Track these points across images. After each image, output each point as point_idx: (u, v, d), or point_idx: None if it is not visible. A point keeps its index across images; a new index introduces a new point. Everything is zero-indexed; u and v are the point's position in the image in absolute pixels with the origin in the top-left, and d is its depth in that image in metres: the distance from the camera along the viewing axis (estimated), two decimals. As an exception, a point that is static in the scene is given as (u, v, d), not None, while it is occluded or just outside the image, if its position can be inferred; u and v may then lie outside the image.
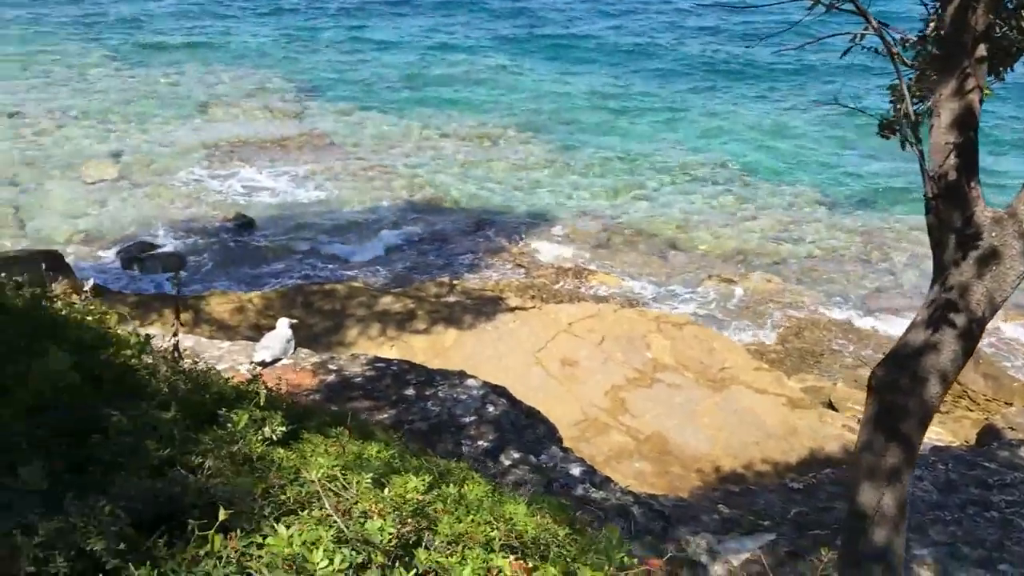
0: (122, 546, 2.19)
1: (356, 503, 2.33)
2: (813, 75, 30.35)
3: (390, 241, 17.55)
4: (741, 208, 19.79)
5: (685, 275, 16.54)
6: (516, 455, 5.58)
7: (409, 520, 2.23)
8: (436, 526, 2.40)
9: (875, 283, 16.62)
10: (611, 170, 21.82)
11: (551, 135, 24.18)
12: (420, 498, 2.41)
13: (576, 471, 5.66)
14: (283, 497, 2.40)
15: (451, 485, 2.75)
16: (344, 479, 2.63)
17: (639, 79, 30.09)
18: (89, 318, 3.77)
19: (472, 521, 2.44)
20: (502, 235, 17.97)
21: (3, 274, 3.41)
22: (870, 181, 21.41)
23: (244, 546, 2.17)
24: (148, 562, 2.19)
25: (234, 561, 2.11)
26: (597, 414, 11.56)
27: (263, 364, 7.05)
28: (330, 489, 2.54)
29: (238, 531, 2.24)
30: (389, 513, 2.22)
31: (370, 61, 31.15)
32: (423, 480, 2.71)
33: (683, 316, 14.28)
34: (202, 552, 2.16)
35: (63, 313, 3.56)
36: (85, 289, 4.27)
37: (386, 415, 6.04)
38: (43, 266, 4.49)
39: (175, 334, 3.70)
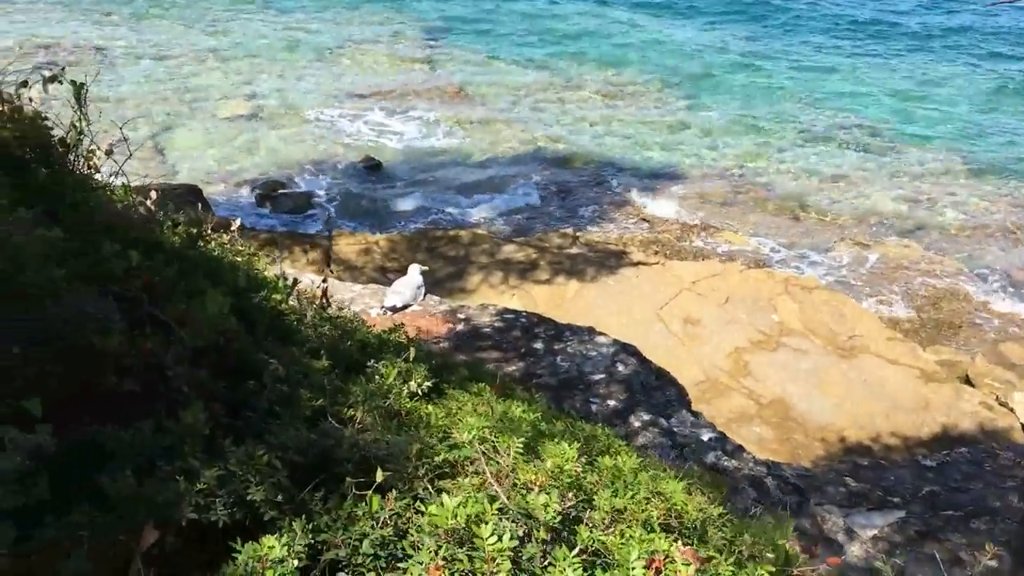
0: (279, 497, 2.15)
1: (513, 471, 2.21)
2: (965, 35, 28.32)
3: (514, 190, 17.43)
4: (878, 170, 18.76)
5: (816, 237, 15.84)
6: (646, 417, 5.44)
7: (570, 495, 2.11)
8: (594, 500, 2.27)
9: (1021, 257, 15.53)
10: (742, 127, 21.01)
11: (682, 90, 23.44)
12: (578, 470, 2.28)
13: (707, 437, 5.47)
14: (437, 459, 2.31)
15: (605, 455, 2.61)
16: (495, 442, 2.53)
17: (775, 36, 28.79)
18: (239, 259, 3.78)
19: (631, 498, 2.29)
20: (627, 189, 17.59)
21: (161, 212, 3.42)
22: (1020, 149, 19.94)
23: (401, 508, 2.09)
24: (303, 515, 2.15)
25: (391, 525, 2.03)
26: (718, 375, 11.27)
27: (394, 309, 7.11)
28: (482, 452, 2.45)
29: (394, 492, 2.17)
30: (551, 486, 2.10)
31: (499, 10, 30.83)
32: (574, 448, 2.58)
33: (813, 279, 13.69)
34: (359, 511, 2.09)
35: (215, 253, 3.56)
36: (233, 228, 4.29)
37: (515, 367, 5.98)
38: (199, 205, 4.53)
39: (324, 280, 3.68)
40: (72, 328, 2.28)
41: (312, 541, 2.09)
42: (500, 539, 1.74)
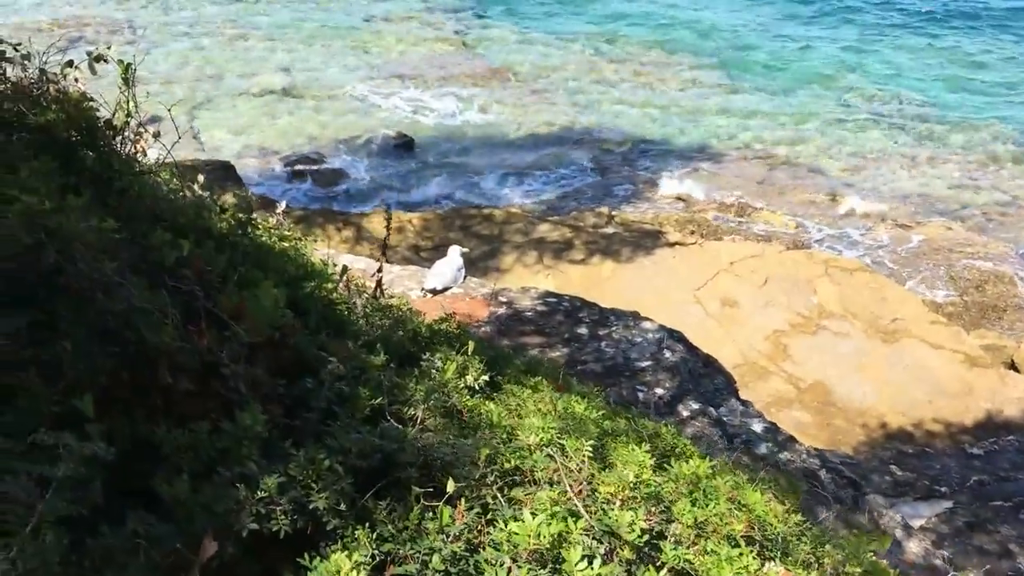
0: (342, 505, 2.03)
1: (589, 480, 2.07)
2: (1017, 16, 27.49)
3: (548, 169, 17.24)
4: (922, 149, 18.33)
5: (857, 218, 15.50)
6: (695, 406, 5.29)
7: (652, 509, 1.96)
8: (673, 512, 2.13)
9: (1067, 241, 15.13)
10: (781, 107, 20.61)
11: (719, 70, 23.03)
12: (656, 480, 2.14)
13: (758, 427, 5.31)
14: (506, 465, 2.17)
15: (675, 458, 2.46)
16: (562, 444, 2.40)
17: (817, 15, 28.15)
18: (286, 244, 3.66)
19: (712, 509, 2.15)
20: (663, 168, 17.32)
21: (207, 194, 3.29)
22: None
23: (472, 520, 1.96)
24: (366, 524, 2.03)
25: (462, 539, 1.91)
26: (757, 358, 11.11)
27: (434, 291, 6.99)
28: (550, 456, 2.31)
29: (462, 501, 2.04)
30: (633, 500, 1.96)
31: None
32: (645, 451, 2.44)
33: (853, 261, 13.42)
34: (428, 524, 1.96)
35: (263, 239, 3.44)
36: (278, 211, 4.17)
37: (559, 353, 5.86)
38: (250, 192, 4.41)
39: (379, 269, 3.55)
40: (124, 323, 2.16)
41: (376, 552, 1.97)
42: (590, 564, 1.61)
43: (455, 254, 7.12)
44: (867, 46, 25.31)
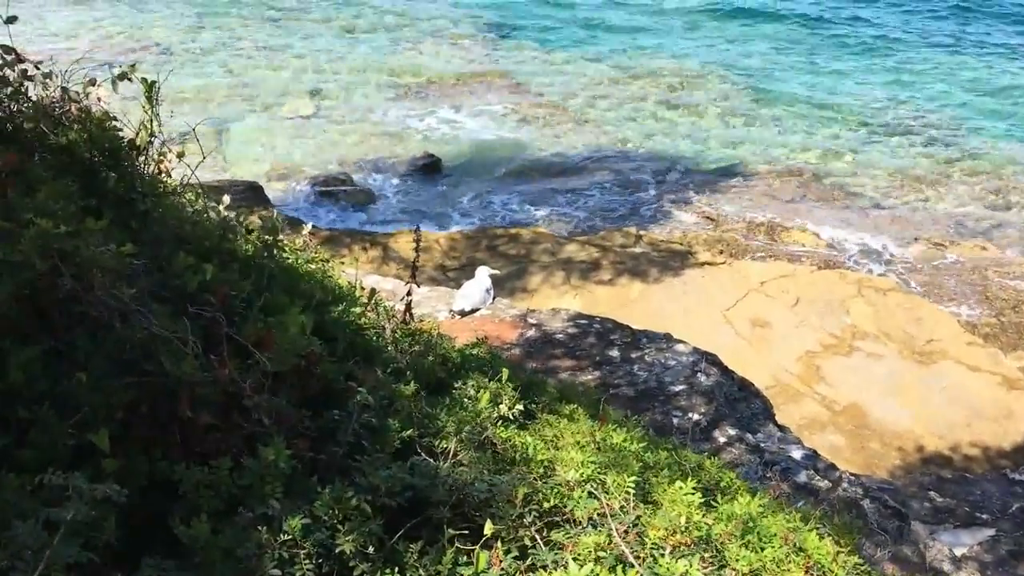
0: (370, 549, 1.89)
1: (635, 523, 1.92)
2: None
3: (575, 187, 17.10)
4: (957, 169, 17.97)
5: (889, 236, 15.18)
6: (731, 432, 5.12)
7: (706, 555, 1.81)
8: (726, 556, 1.96)
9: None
10: (812, 122, 20.33)
11: (748, 83, 22.75)
12: (708, 522, 1.98)
13: (797, 454, 5.13)
14: (545, 504, 2.02)
15: (723, 495, 2.30)
16: (603, 480, 2.25)
17: (847, 25, 27.88)
18: (313, 266, 3.55)
19: (768, 554, 1.98)
20: (690, 185, 17.13)
21: (233, 215, 3.19)
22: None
23: (510, 565, 1.81)
24: (396, 569, 1.89)
25: (501, 587, 1.76)
26: (789, 380, 10.87)
27: (462, 313, 6.87)
28: (591, 493, 2.16)
29: (499, 544, 1.89)
30: (684, 545, 1.80)
31: (557, 3, 30.45)
32: (691, 487, 2.29)
33: (887, 280, 13.14)
34: (463, 571, 1.82)
35: (290, 261, 3.33)
36: (305, 232, 4.06)
37: (590, 376, 5.71)
38: (275, 213, 4.31)
39: (409, 292, 3.42)
40: (143, 352, 2.05)
41: (406, 599, 1.83)
42: (644, 623, 1.46)
43: (483, 275, 7.03)
44: (900, 61, 25.00)
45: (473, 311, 6.84)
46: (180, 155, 2.85)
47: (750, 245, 14.42)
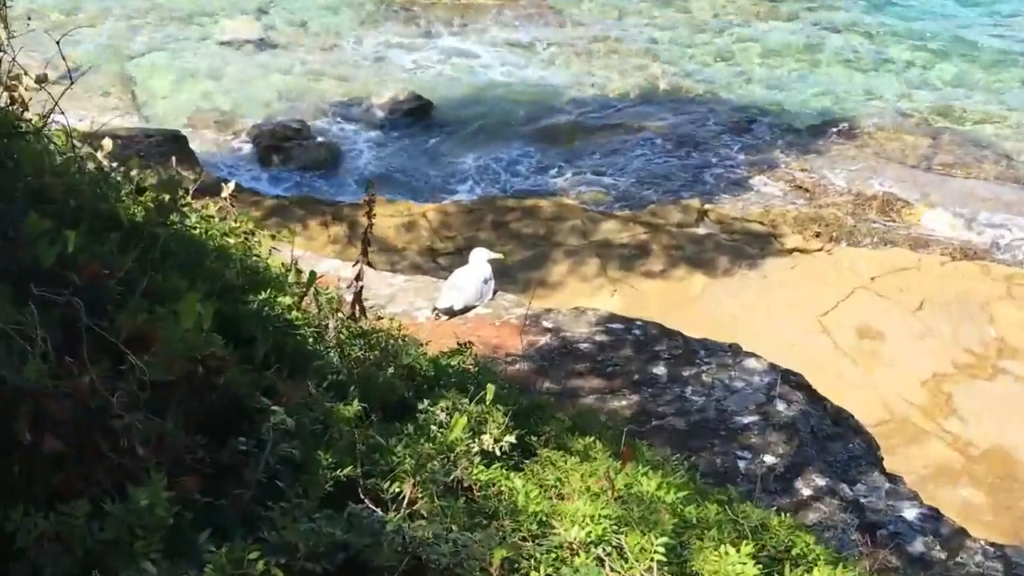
0: (280, 634, 1.86)
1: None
2: None
3: (617, 143, 17.12)
4: None
5: (1053, 216, 15.24)
6: (820, 481, 5.14)
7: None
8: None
9: None
10: (946, 59, 20.32)
11: (848, 6, 22.79)
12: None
13: (911, 513, 5.11)
14: (534, 574, 1.99)
15: (797, 569, 2.26)
16: (619, 541, 2.22)
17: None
18: (231, 239, 3.54)
19: (849, 649, 1.93)
20: (774, 144, 17.15)
21: (122, 168, 3.19)
22: None
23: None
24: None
25: None
26: (908, 413, 10.94)
27: (451, 312, 6.89)
28: (600, 560, 2.12)
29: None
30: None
31: None
32: (747, 553, 2.24)
33: (1047, 277, 13.19)
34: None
35: (196, 231, 3.32)
36: (224, 194, 4.04)
37: (625, 402, 5.74)
38: (173, 160, 4.30)
39: (358, 278, 3.38)
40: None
41: None
42: None
43: (480, 260, 7.05)
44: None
45: (466, 310, 6.87)
46: (41, 80, 2.82)
47: (858, 226, 14.47)
